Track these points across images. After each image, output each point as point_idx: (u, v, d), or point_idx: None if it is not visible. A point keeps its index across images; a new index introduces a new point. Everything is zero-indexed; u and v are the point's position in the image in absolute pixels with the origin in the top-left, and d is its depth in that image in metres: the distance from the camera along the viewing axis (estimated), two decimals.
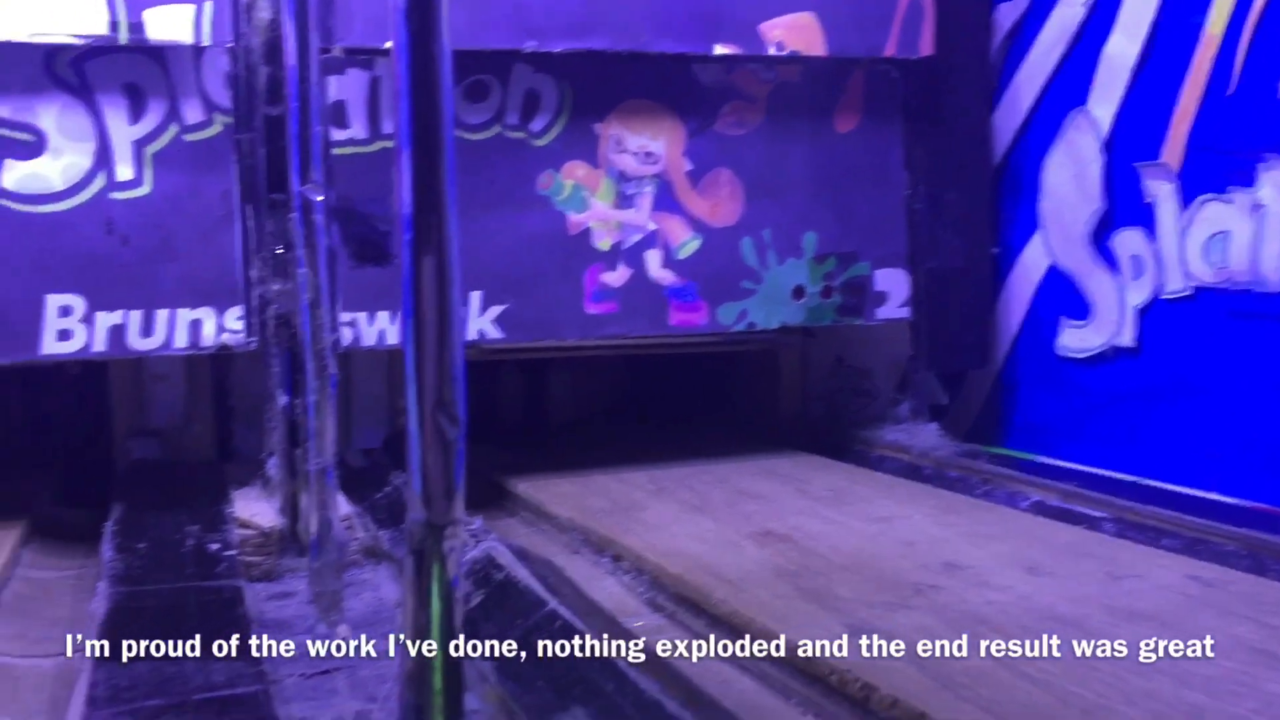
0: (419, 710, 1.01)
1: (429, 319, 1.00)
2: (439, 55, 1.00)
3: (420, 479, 1.01)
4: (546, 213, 2.32)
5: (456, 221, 1.01)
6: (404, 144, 0.99)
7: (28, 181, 2.02)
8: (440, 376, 1.01)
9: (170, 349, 2.11)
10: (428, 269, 1.00)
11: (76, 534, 2.20)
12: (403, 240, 1.00)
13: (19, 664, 1.53)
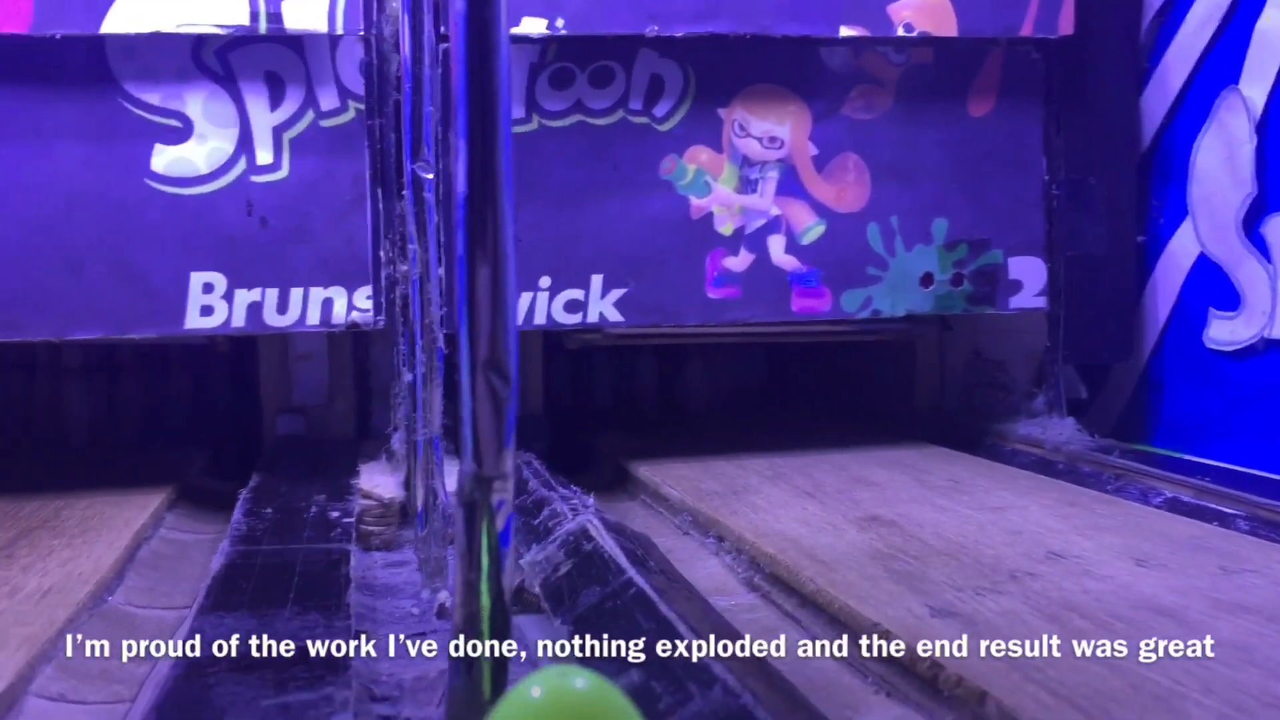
0: (467, 662, 1.03)
1: (482, 285, 1.02)
2: (497, 45, 1.01)
3: (471, 433, 1.03)
4: (669, 197, 2.33)
5: (511, 200, 1.02)
6: (461, 132, 1.01)
7: (175, 165, 2.14)
8: (493, 337, 1.03)
9: (303, 326, 2.20)
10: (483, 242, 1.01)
11: (219, 502, 2.32)
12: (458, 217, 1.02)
13: (140, 613, 1.62)
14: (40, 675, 1.28)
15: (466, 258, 1.03)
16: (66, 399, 2.94)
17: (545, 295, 2.30)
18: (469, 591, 1.04)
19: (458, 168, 1.03)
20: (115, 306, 2.12)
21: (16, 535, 1.89)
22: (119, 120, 2.11)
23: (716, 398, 3.24)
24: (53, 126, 2.09)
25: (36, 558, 1.75)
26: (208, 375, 3.00)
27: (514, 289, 1.05)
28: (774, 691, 1.11)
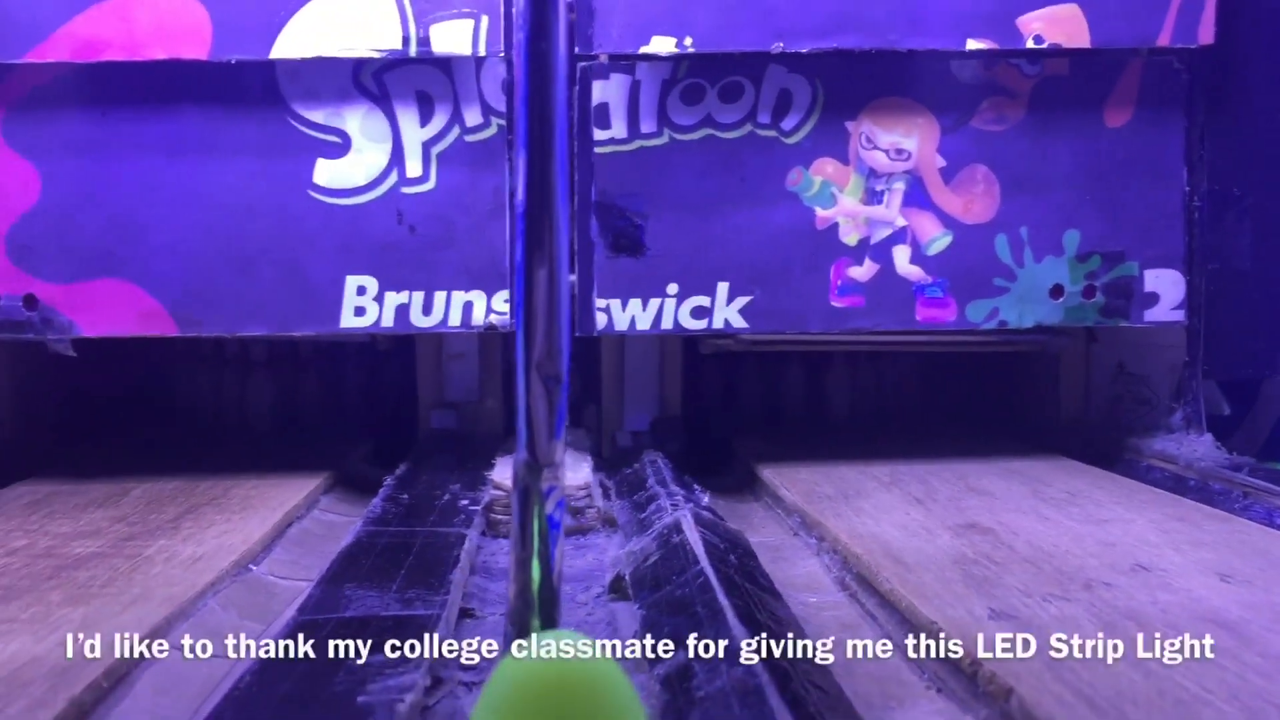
0: (520, 630, 1.15)
1: (537, 290, 1.12)
2: (554, 62, 1.12)
3: (526, 425, 1.14)
4: (794, 208, 2.39)
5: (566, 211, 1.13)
6: (521, 145, 1.12)
7: (335, 177, 2.34)
8: (546, 339, 1.13)
9: (445, 327, 2.37)
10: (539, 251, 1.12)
11: (373, 489, 2.51)
12: (518, 228, 1.13)
13: (280, 583, 1.80)
14: (175, 630, 1.45)
15: (524, 265, 1.14)
16: (251, 390, 3.21)
17: (673, 301, 2.40)
18: (521, 569, 1.15)
19: (518, 181, 1.14)
20: (280, 306, 2.33)
21: (185, 510, 2.12)
22: (286, 137, 2.32)
23: (860, 406, 3.27)
24: (228, 143, 2.32)
25: (197, 530, 1.96)
26: (375, 372, 3.22)
27: (566, 294, 1.16)
28: (808, 680, 1.18)
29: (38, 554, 1.79)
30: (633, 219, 2.38)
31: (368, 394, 3.27)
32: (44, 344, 2.42)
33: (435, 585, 1.58)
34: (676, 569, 1.57)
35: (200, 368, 3.21)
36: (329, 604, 1.47)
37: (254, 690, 1.16)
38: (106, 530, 1.96)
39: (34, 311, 2.29)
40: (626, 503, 2.21)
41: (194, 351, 3.21)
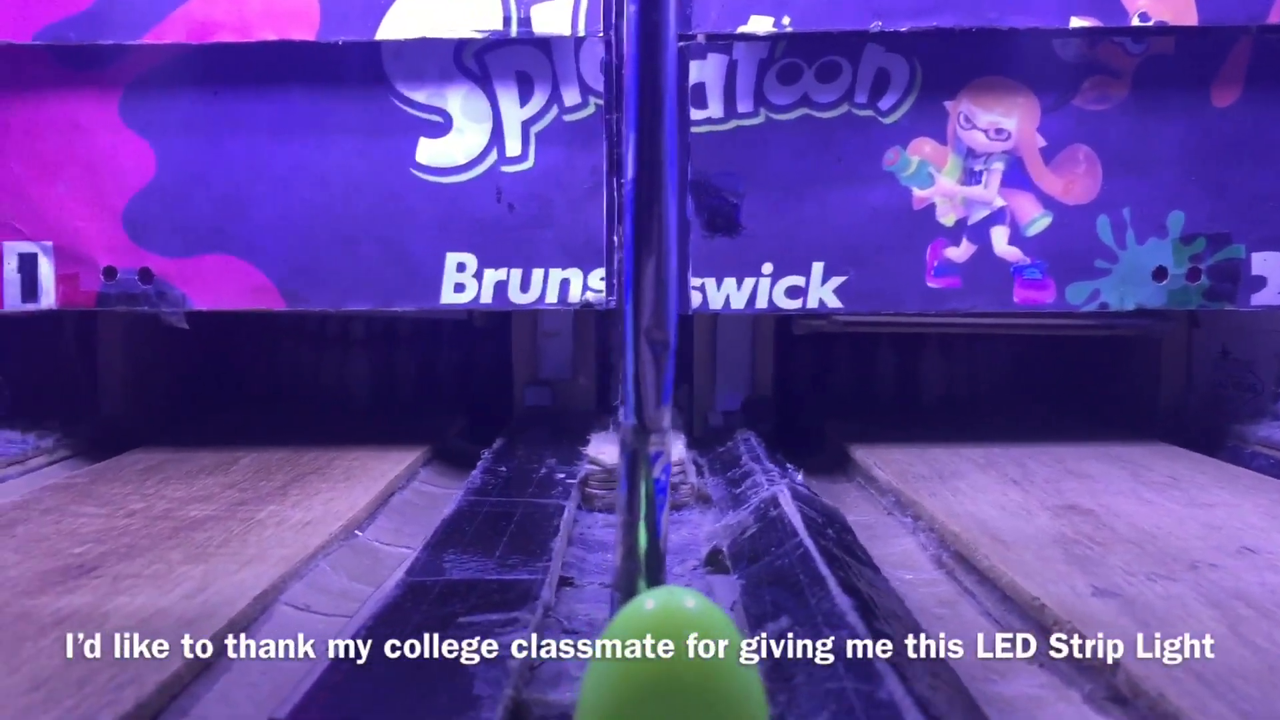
0: (627, 591, 1.17)
1: (646, 260, 1.14)
2: (665, 43, 1.13)
3: (634, 391, 1.16)
4: (891, 188, 2.39)
5: (675, 185, 1.15)
6: (630, 124, 1.14)
7: (436, 156, 2.38)
8: (655, 307, 1.16)
9: (542, 304, 2.40)
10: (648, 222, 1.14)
11: (470, 462, 2.56)
12: (627, 199, 1.15)
13: (385, 549, 1.85)
14: (290, 588, 1.51)
15: (633, 234, 1.16)
16: (351, 366, 3.28)
17: (767, 281, 2.40)
18: (628, 532, 1.17)
19: (627, 156, 1.16)
20: (383, 282, 2.39)
21: (292, 478, 2.18)
22: (390, 116, 2.37)
23: (953, 388, 3.25)
24: (334, 122, 2.37)
25: (304, 497, 2.02)
26: (470, 349, 3.28)
27: (674, 265, 1.18)
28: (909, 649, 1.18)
29: (155, 516, 1.86)
30: (728, 198, 2.39)
31: (461, 371, 3.33)
32: (157, 318, 2.51)
33: (536, 553, 1.62)
34: (775, 541, 1.58)
35: (303, 345, 3.30)
36: (435, 567, 1.52)
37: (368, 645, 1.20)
38: (219, 495, 2.03)
39: (149, 285, 2.37)
40: (720, 479, 2.23)
41: (298, 330, 3.30)
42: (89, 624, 1.28)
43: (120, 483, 2.14)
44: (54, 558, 1.58)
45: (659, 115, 1.15)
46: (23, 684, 1.09)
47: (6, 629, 1.26)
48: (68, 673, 1.12)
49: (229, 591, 1.41)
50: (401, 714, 1.02)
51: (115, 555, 1.60)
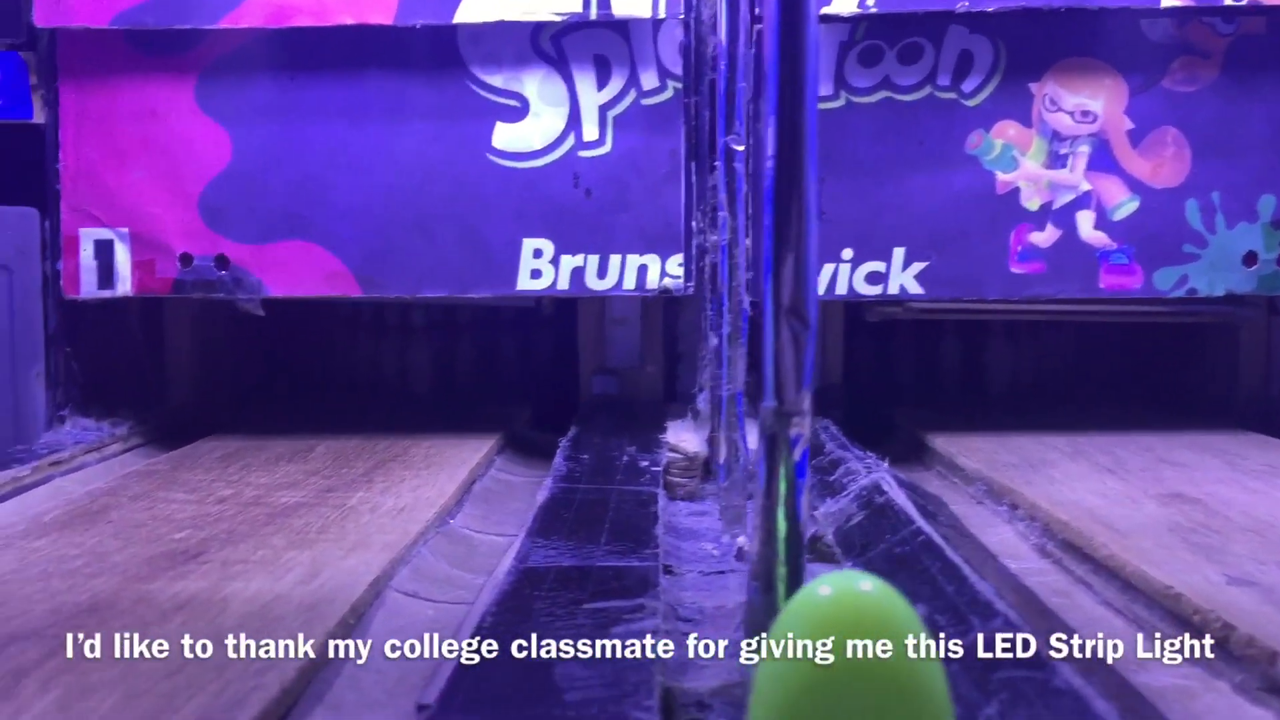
0: (766, 578, 1.14)
1: (788, 238, 1.12)
2: (806, 25, 1.10)
3: (773, 373, 1.13)
4: (974, 172, 2.35)
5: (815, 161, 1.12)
6: (771, 97, 1.11)
7: (513, 141, 2.36)
8: (795, 284, 1.13)
9: (620, 290, 2.38)
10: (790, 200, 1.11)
11: (541, 451, 2.54)
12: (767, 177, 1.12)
13: (476, 536, 1.83)
14: (398, 575, 1.49)
15: (774, 214, 1.13)
16: (412, 355, 3.27)
17: (847, 267, 2.37)
18: (767, 516, 1.15)
19: (768, 133, 1.13)
20: (459, 268, 2.37)
21: (373, 466, 2.17)
22: (466, 101, 2.35)
23: (1019, 376, 3.21)
24: (410, 107, 2.35)
25: (391, 484, 2.00)
26: (531, 338, 3.26)
27: (815, 242, 1.15)
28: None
29: (246, 502, 1.84)
30: None
31: (522, 360, 3.31)
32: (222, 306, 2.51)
33: (641, 541, 1.59)
34: (888, 528, 1.55)
35: (362, 334, 3.28)
36: (544, 554, 1.49)
37: (498, 632, 1.18)
38: (304, 482, 2.02)
39: (225, 271, 2.36)
40: None
41: (355, 319, 3.28)
42: (209, 609, 1.27)
43: (202, 470, 2.13)
44: (156, 544, 1.57)
45: (800, 92, 1.12)
46: (158, 669, 1.07)
47: (128, 614, 1.25)
48: (203, 658, 1.11)
49: (341, 578, 1.39)
50: (551, 699, 1.00)
51: (217, 541, 1.58)
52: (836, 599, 0.86)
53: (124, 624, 1.21)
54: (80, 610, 1.26)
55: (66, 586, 1.35)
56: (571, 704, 0.98)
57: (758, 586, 1.15)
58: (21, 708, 0.98)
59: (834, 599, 0.86)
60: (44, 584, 1.36)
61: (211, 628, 1.21)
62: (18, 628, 1.20)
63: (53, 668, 1.08)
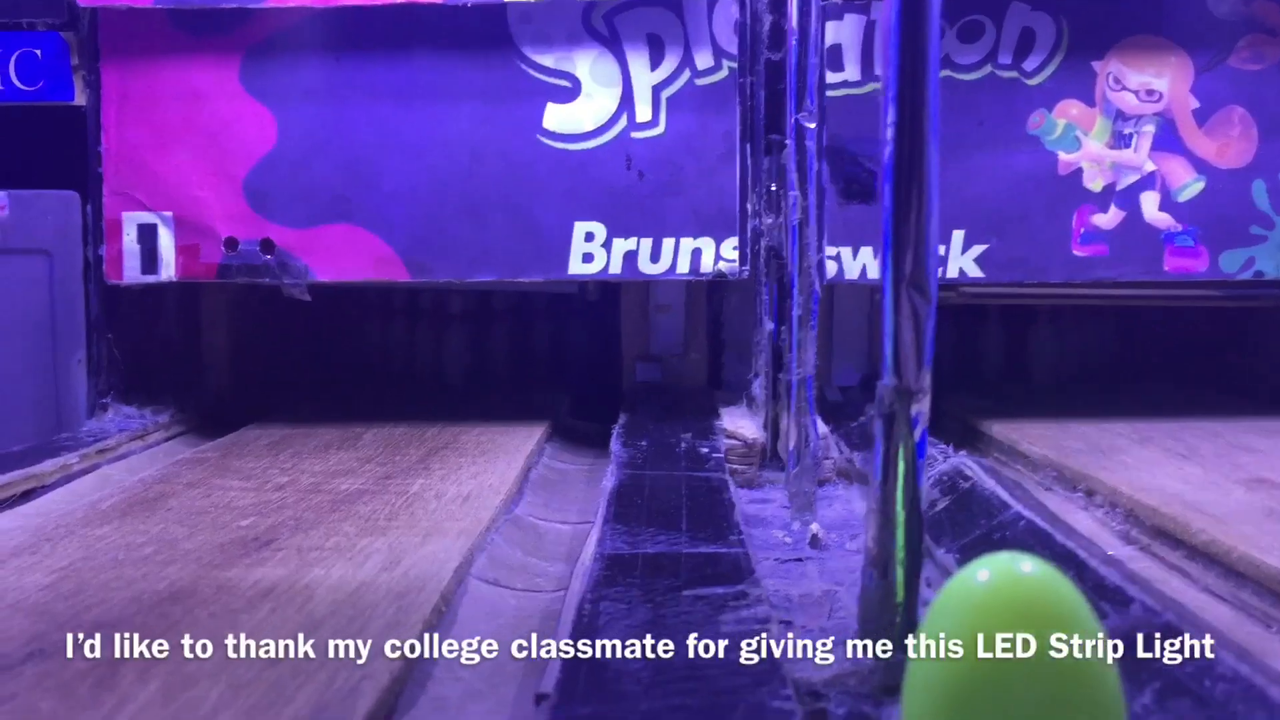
0: (883, 563, 1.10)
1: (910, 208, 1.07)
2: None
3: (892, 349, 1.09)
4: (1036, 152, 2.30)
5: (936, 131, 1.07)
6: (892, 63, 1.07)
7: (564, 123, 2.31)
8: (915, 254, 1.08)
9: (673, 274, 2.33)
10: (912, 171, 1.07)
11: (587, 440, 2.50)
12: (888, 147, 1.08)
13: (543, 524, 1.79)
14: (476, 562, 1.44)
15: (894, 186, 1.09)
16: (447, 343, 3.22)
17: None
18: (885, 499, 1.10)
19: (887, 105, 1.09)
20: (509, 252, 2.32)
21: (427, 453, 2.12)
22: (516, 81, 2.30)
23: (1064, 363, 3.15)
24: (459, 88, 2.30)
25: (448, 471, 1.95)
26: (566, 326, 3.21)
27: (936, 216, 1.10)
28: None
29: (306, 489, 1.80)
30: (865, 164, 2.31)
31: (557, 348, 3.26)
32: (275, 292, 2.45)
33: (723, 527, 1.55)
34: (981, 514, 1.51)
35: (397, 322, 3.23)
36: (626, 541, 1.45)
37: (600, 619, 1.14)
38: (359, 470, 1.97)
39: (271, 256, 2.31)
40: (869, 454, 2.14)
41: (388, 305, 3.23)
42: (295, 597, 1.22)
43: (252, 457, 2.09)
44: (223, 531, 1.52)
45: (923, 55, 1.08)
46: (259, 658, 1.02)
47: (212, 603, 1.20)
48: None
49: (424, 565, 1.35)
50: (676, 687, 0.95)
51: (285, 528, 1.54)
52: (996, 585, 0.82)
53: (210, 612, 1.17)
54: (161, 599, 1.22)
55: (141, 574, 1.31)
56: (698, 692, 0.94)
57: (874, 573, 1.10)
58: (125, 697, 0.94)
59: (993, 585, 0.82)
60: (117, 572, 1.32)
61: (301, 615, 1.16)
62: (100, 616, 1.15)
63: (144, 656, 1.04)
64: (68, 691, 0.95)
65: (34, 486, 1.86)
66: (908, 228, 1.08)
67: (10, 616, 1.14)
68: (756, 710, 0.88)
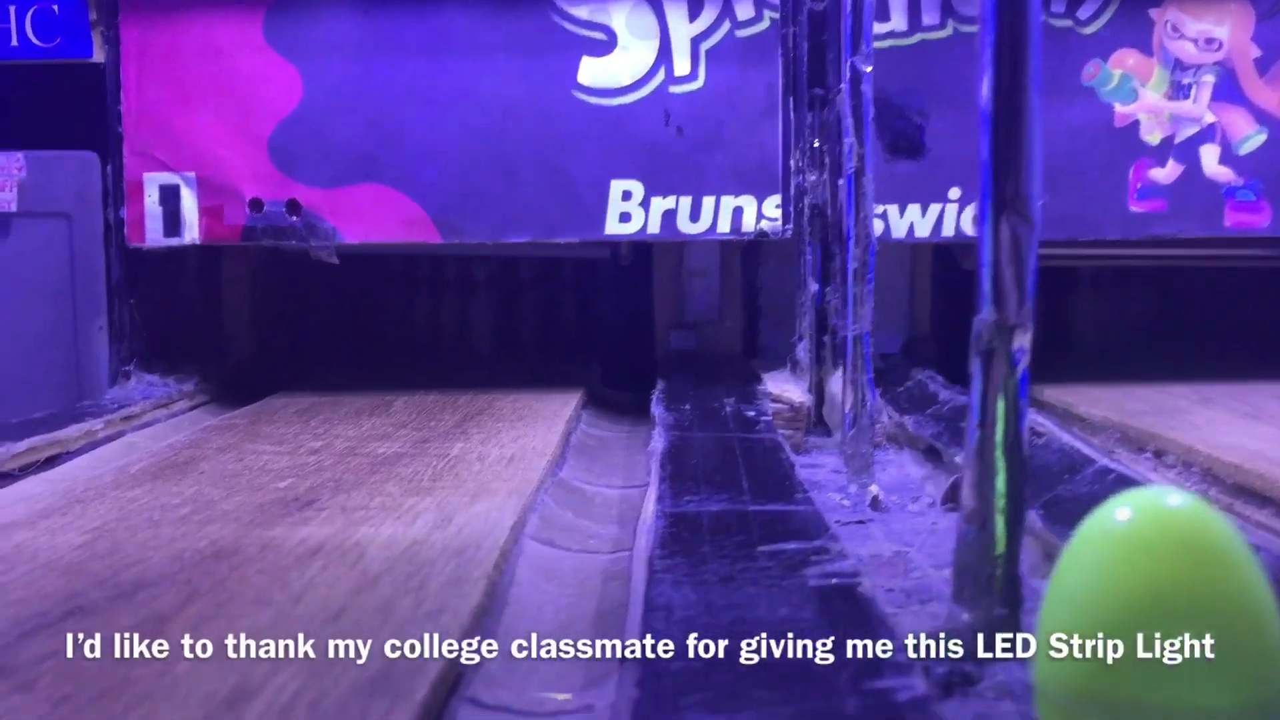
0: (981, 515, 1.02)
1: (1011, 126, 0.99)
2: None
3: (991, 279, 1.01)
4: (1090, 104, 2.21)
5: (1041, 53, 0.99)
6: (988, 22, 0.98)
7: (600, 77, 2.23)
8: (1015, 176, 1.00)
9: (714, 234, 2.25)
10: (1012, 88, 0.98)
11: (621, 408, 2.42)
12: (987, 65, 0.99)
13: (588, 488, 1.71)
14: (529, 523, 1.37)
15: (995, 102, 1.00)
16: (473, 311, 3.14)
17: (954, 207, 2.24)
18: (983, 445, 1.02)
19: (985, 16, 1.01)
20: (544, 212, 2.24)
21: (462, 419, 2.05)
22: (550, 34, 2.22)
23: (1108, 328, 3.07)
24: (491, 42, 2.22)
25: (488, 435, 1.88)
26: (597, 292, 3.12)
27: (1040, 138, 1.02)
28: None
29: (341, 453, 1.73)
30: (912, 118, 2.23)
31: (583, 317, 3.17)
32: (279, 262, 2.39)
33: (785, 486, 1.47)
34: (1065, 469, 1.43)
35: (421, 290, 3.16)
36: (687, 500, 1.37)
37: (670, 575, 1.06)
38: (394, 434, 1.90)
39: (297, 217, 2.23)
40: (921, 417, 2.07)
41: (411, 274, 3.15)
42: (347, 554, 1.15)
43: (282, 423, 2.01)
44: (260, 492, 1.45)
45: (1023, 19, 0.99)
46: (318, 613, 0.95)
47: (259, 560, 1.13)
48: (359, 601, 0.99)
49: (477, 524, 1.28)
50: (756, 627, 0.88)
51: (326, 489, 1.46)
52: (1141, 523, 0.74)
53: (258, 569, 1.10)
54: (204, 556, 1.14)
55: (181, 534, 1.23)
56: None
57: (972, 527, 1.02)
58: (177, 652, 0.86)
59: (1138, 523, 0.74)
60: (154, 531, 1.25)
61: (354, 572, 1.09)
62: (141, 574, 1.08)
63: (195, 613, 0.96)
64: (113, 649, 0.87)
65: (58, 453, 1.79)
66: (1010, 149, 0.99)
67: (44, 576, 1.07)
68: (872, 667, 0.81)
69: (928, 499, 1.71)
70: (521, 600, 1.13)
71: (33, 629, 0.92)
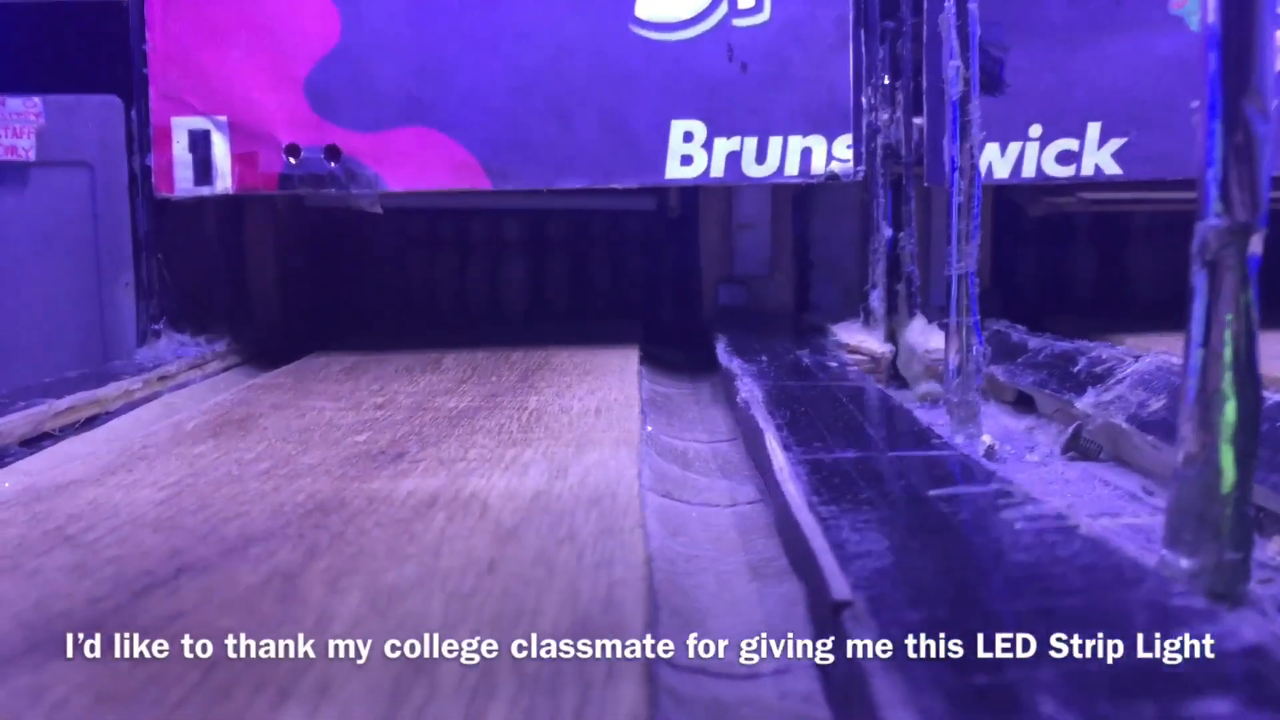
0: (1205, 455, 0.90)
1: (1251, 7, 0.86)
2: None
3: (1220, 175, 0.88)
4: (1180, 35, 2.09)
5: None
6: None
7: (659, 11, 2.09)
8: (1247, 62, 0.88)
9: (781, 177, 2.12)
10: None
11: (675, 367, 2.30)
12: None
13: (677, 443, 1.59)
14: (643, 475, 1.24)
15: None
16: (504, 270, 3.00)
17: (1035, 146, 2.12)
18: (1207, 368, 0.90)
19: None
20: (599, 156, 2.11)
21: (524, 374, 1.92)
22: None
23: (1165, 280, 2.95)
24: None
25: (559, 389, 1.75)
26: (639, 247, 2.99)
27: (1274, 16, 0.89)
28: None
29: (410, 408, 1.60)
30: (990, 51, 2.10)
31: (629, 272, 3.04)
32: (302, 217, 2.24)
33: (913, 431, 1.35)
34: None
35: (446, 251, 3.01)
36: (812, 447, 1.25)
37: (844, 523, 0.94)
38: (457, 390, 1.77)
39: (337, 164, 2.09)
40: (1012, 366, 1.95)
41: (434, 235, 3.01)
42: (470, 504, 1.02)
43: (332, 381, 1.88)
44: (338, 446, 1.32)
45: None
46: (467, 565, 0.82)
47: (372, 513, 1.00)
48: (508, 552, 0.86)
49: (597, 474, 1.15)
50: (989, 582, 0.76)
51: (410, 442, 1.34)
52: None
53: (375, 521, 0.97)
54: (308, 510, 1.01)
55: (271, 487, 1.11)
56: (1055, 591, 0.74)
57: (1194, 467, 0.90)
58: (327, 612, 0.74)
59: None
60: (239, 486, 1.12)
61: (488, 522, 0.96)
62: (243, 529, 0.95)
63: (327, 567, 0.84)
64: (248, 607, 0.75)
65: (97, 413, 1.66)
66: (1246, 25, 0.87)
67: (136, 532, 0.94)
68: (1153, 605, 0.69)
69: (1044, 449, 1.59)
70: (663, 555, 1.01)
71: (143, 588, 0.79)
